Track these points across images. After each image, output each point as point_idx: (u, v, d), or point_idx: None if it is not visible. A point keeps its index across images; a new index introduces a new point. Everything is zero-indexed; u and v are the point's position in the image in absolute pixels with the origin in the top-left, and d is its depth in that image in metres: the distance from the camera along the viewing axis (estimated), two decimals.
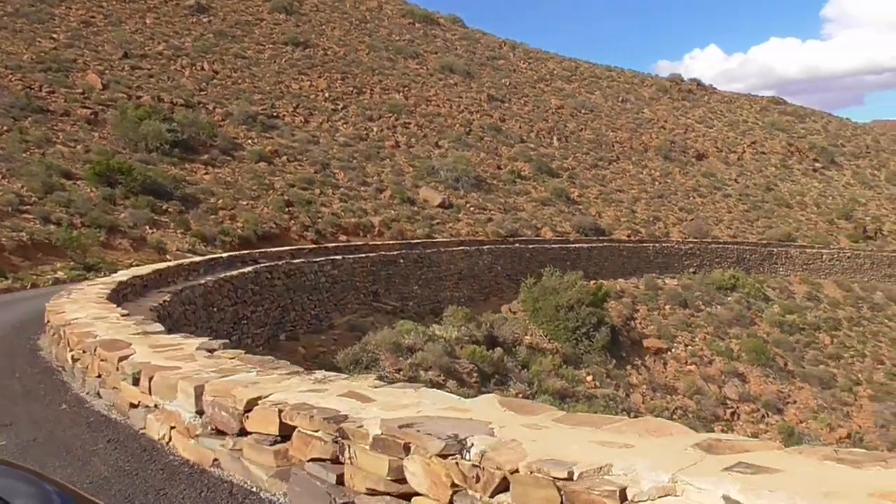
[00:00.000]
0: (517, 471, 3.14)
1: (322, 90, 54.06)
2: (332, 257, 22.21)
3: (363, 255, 23.90)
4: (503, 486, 3.20)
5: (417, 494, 3.57)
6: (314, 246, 24.66)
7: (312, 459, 4.12)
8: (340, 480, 3.92)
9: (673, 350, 33.54)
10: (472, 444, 3.38)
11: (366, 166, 44.19)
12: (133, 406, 5.98)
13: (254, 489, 4.50)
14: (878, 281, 52.25)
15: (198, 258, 18.17)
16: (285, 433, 4.37)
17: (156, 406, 5.63)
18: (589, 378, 27.99)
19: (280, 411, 4.38)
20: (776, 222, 60.65)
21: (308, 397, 4.56)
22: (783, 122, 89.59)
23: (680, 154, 71.46)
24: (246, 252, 20.54)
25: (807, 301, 45.44)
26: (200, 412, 5.06)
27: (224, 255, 19.12)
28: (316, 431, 4.11)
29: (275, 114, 47.10)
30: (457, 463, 3.37)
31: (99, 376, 6.74)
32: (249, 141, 41.12)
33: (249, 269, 17.75)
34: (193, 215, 28.57)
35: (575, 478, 2.97)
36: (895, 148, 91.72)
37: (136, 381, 5.86)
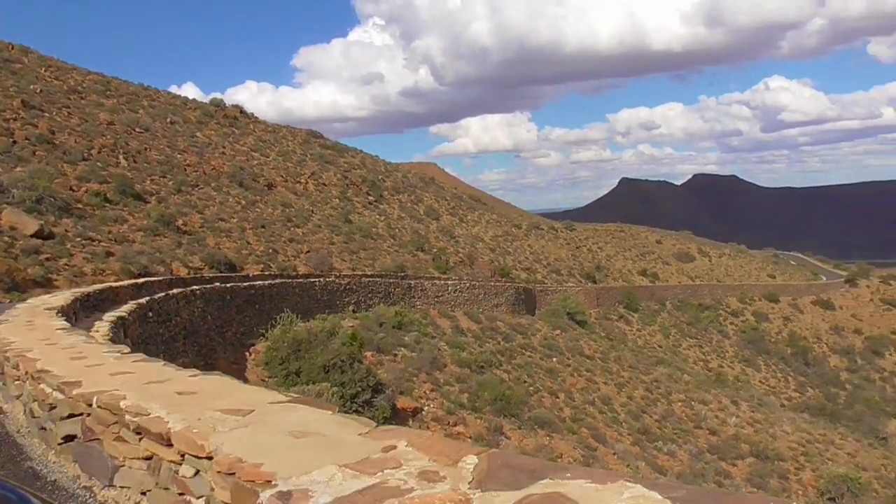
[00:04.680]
0: None
1: None
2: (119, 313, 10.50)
3: (124, 313, 12.22)
4: None
5: None
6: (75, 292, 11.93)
7: None
8: None
9: (426, 409, 26.52)
10: None
11: None
12: None
13: None
14: (490, 310, 52.02)
15: None
16: None
17: None
18: None
19: None
20: (374, 254, 57.28)
21: None
22: (328, 155, 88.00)
23: (251, 182, 64.07)
24: None
25: (460, 335, 42.22)
26: None
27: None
28: None
29: None
30: None
31: None
32: None
33: None
34: None
35: None
36: (423, 185, 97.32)
37: None
